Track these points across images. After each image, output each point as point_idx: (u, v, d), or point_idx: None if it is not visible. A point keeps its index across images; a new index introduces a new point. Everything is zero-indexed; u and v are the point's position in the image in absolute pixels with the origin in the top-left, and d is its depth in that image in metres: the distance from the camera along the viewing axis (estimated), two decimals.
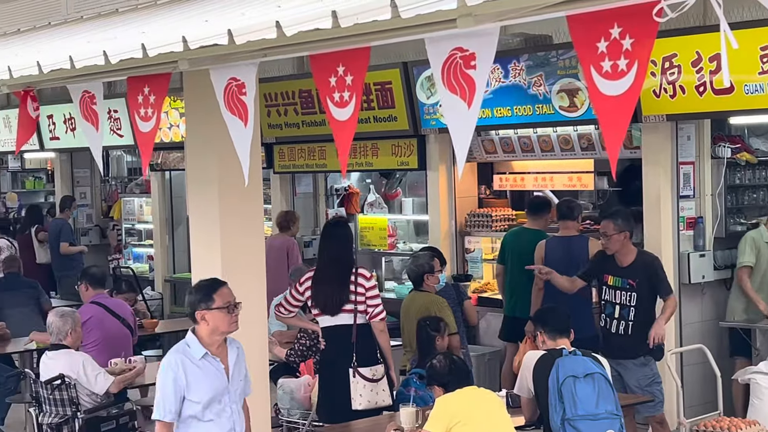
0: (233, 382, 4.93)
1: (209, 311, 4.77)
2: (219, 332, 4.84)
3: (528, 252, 8.36)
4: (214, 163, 6.40)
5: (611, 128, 3.24)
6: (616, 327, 7.22)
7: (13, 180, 16.66)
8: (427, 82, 9.25)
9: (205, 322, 4.79)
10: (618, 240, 7.19)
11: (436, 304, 7.29)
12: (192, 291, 4.87)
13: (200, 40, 4.06)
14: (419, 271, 7.46)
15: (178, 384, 4.78)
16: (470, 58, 3.36)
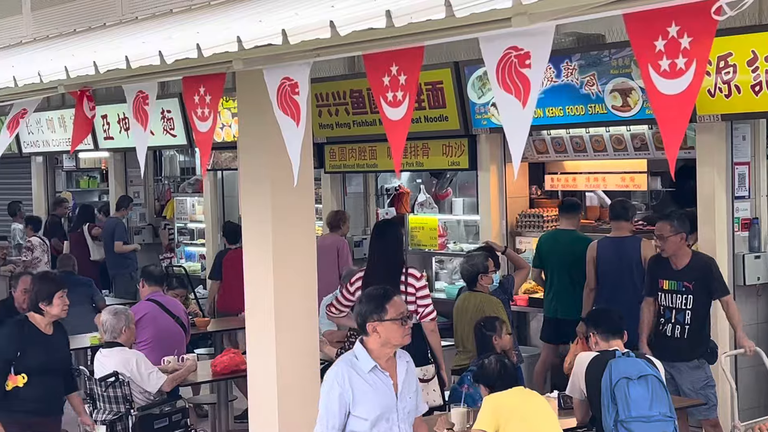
0: (402, 399, 4.64)
1: (381, 323, 4.51)
2: (390, 345, 4.56)
3: (566, 252, 8.33)
4: (266, 163, 6.43)
5: (670, 128, 3.20)
6: (671, 331, 7.14)
7: (68, 179, 16.86)
8: (478, 81, 9.23)
9: (376, 334, 4.52)
10: (674, 242, 7.09)
11: (491, 304, 7.26)
12: (362, 301, 4.63)
13: (254, 40, 4.08)
14: (474, 270, 7.42)
15: (343, 398, 4.52)
16: (525, 57, 3.34)
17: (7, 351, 6.36)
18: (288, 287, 6.38)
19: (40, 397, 6.39)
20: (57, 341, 6.60)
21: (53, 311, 6.51)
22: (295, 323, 6.38)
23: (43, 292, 6.48)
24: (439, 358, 6.77)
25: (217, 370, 7.73)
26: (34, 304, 6.50)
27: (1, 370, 6.31)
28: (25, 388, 6.33)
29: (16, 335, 6.41)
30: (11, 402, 6.31)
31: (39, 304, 6.47)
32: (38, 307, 6.48)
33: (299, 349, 6.44)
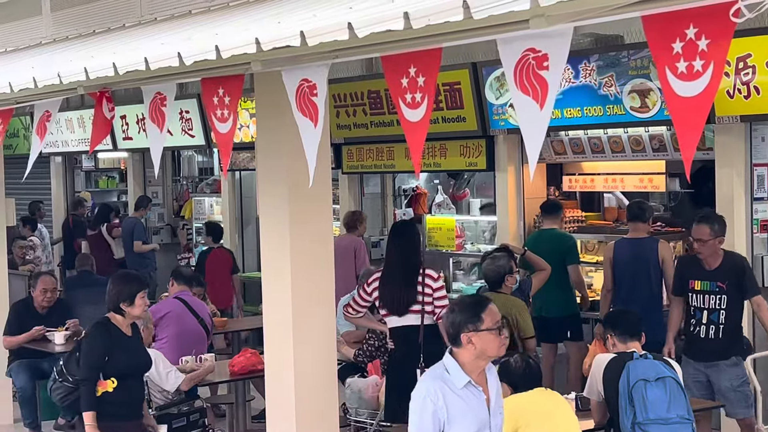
0: (494, 415, 4.37)
1: (477, 333, 4.20)
2: (485, 356, 4.27)
3: (549, 251, 8.37)
4: (284, 164, 6.45)
5: (686, 130, 3.19)
6: (705, 332, 7.05)
7: (87, 179, 16.94)
8: (496, 82, 9.23)
9: (471, 345, 4.21)
10: (712, 245, 6.98)
11: (516, 306, 7.22)
12: (455, 310, 4.30)
13: (273, 41, 4.09)
14: (501, 271, 7.32)
15: (437, 416, 4.20)
16: (543, 59, 3.34)
17: (97, 355, 6.13)
18: (305, 287, 6.39)
19: (128, 401, 6.22)
20: (137, 343, 6.42)
21: (135, 312, 6.26)
22: (313, 323, 6.39)
23: (125, 292, 6.21)
24: None
25: (235, 370, 7.75)
26: (115, 305, 6.23)
27: (93, 376, 6.10)
28: (114, 392, 6.12)
29: (105, 338, 6.17)
30: (100, 407, 6.08)
31: (120, 304, 6.21)
32: (119, 308, 6.22)
33: (317, 349, 6.45)
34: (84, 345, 6.20)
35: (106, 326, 6.21)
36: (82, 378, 6.10)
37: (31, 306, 9.13)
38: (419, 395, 4.27)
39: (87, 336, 6.28)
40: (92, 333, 6.24)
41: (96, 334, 6.20)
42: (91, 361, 6.10)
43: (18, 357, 9.08)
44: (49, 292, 9.10)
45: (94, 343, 6.16)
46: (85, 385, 6.07)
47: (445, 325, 4.31)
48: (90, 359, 6.11)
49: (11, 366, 9.13)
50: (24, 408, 9.05)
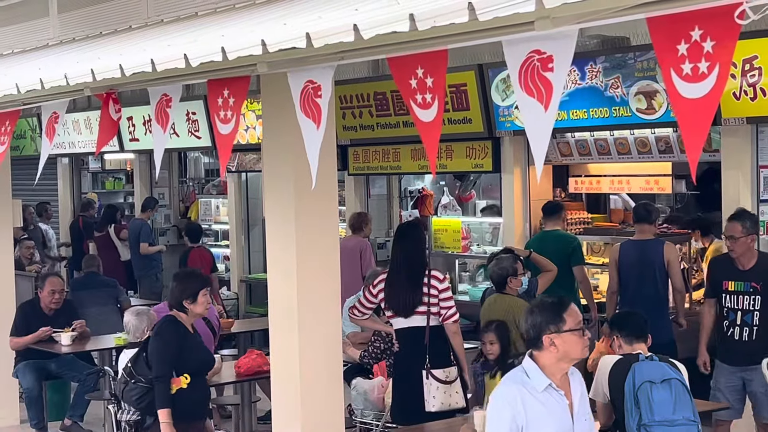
0: (578, 421, 4.18)
1: (559, 334, 4.03)
2: (568, 359, 4.10)
3: (552, 252, 8.34)
4: (290, 165, 6.46)
5: (692, 132, 3.20)
6: (739, 334, 6.98)
7: (94, 180, 16.97)
8: (502, 84, 9.23)
9: (553, 348, 4.04)
10: (744, 243, 6.92)
11: (518, 308, 7.24)
12: (535, 311, 4.13)
13: (279, 43, 4.10)
14: (503, 273, 7.38)
15: (516, 422, 4.03)
16: (548, 60, 3.34)
17: (171, 352, 6.08)
18: (311, 289, 6.40)
19: (198, 398, 6.21)
20: (200, 340, 6.39)
21: (197, 309, 6.23)
22: (319, 325, 6.40)
23: (189, 290, 6.17)
24: (461, 360, 6.77)
25: (241, 372, 7.76)
26: (179, 302, 6.18)
27: (168, 372, 6.07)
28: (187, 389, 6.09)
29: (176, 335, 6.12)
30: (174, 405, 6.05)
31: (183, 302, 6.16)
32: (182, 306, 6.17)
33: (322, 350, 6.46)
34: (156, 343, 6.12)
35: (175, 323, 6.15)
36: (157, 375, 6.04)
37: (38, 307, 9.15)
38: (497, 399, 4.11)
39: (157, 334, 6.18)
40: (163, 330, 6.16)
41: (168, 331, 6.13)
42: (166, 357, 6.05)
43: (24, 358, 9.10)
44: (57, 293, 9.11)
45: (168, 339, 6.10)
46: (160, 383, 6.02)
47: (525, 327, 4.16)
48: (164, 356, 6.05)
49: (18, 367, 9.14)
50: (30, 409, 9.07)
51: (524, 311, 4.17)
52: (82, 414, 9.18)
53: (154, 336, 6.20)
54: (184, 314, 6.20)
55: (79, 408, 9.15)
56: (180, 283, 6.24)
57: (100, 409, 9.10)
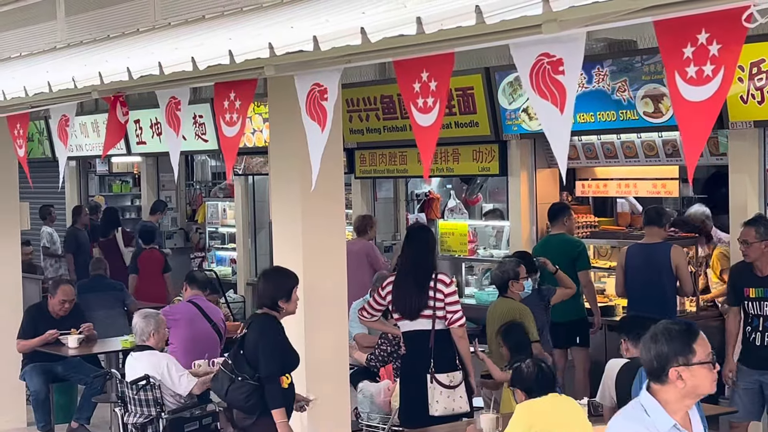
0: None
1: (688, 367, 3.53)
2: (695, 394, 3.60)
3: (556, 256, 8.32)
4: (296, 168, 6.47)
5: (692, 135, 3.20)
6: (761, 339, 6.96)
7: (101, 183, 16.99)
8: (509, 87, 9.22)
9: (680, 382, 3.53)
10: (758, 248, 6.92)
11: (519, 311, 7.24)
12: (660, 339, 3.60)
13: (286, 46, 4.11)
14: (504, 277, 7.39)
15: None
16: (558, 63, 3.34)
17: (280, 350, 5.91)
18: (317, 291, 6.41)
19: (293, 397, 6.12)
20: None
21: (291, 308, 6.00)
22: (325, 327, 6.40)
23: (283, 288, 5.96)
24: (467, 364, 6.75)
25: None
26: (273, 302, 5.95)
27: (278, 371, 5.90)
28: (288, 388, 5.98)
29: (281, 333, 5.95)
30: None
31: (279, 302, 5.94)
32: (277, 305, 5.94)
33: (329, 353, 6.47)
34: (263, 342, 5.89)
35: (278, 322, 5.96)
36: (267, 375, 5.86)
37: (45, 310, 9.15)
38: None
39: (263, 333, 5.93)
40: (268, 329, 5.94)
41: (275, 330, 5.94)
42: (275, 356, 5.88)
43: (31, 360, 9.10)
44: (68, 302, 9.09)
45: (276, 339, 5.93)
46: (272, 382, 5.86)
47: (647, 358, 3.64)
48: (274, 355, 5.88)
49: (25, 369, 9.15)
50: (37, 411, 9.07)
51: (646, 339, 3.70)
52: (88, 417, 9.18)
53: (259, 335, 5.93)
54: (276, 313, 5.99)
55: (85, 411, 9.14)
56: (273, 283, 6.00)
57: (107, 412, 9.11)
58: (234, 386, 5.93)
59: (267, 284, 6.00)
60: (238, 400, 5.94)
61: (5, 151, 8.10)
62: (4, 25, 9.62)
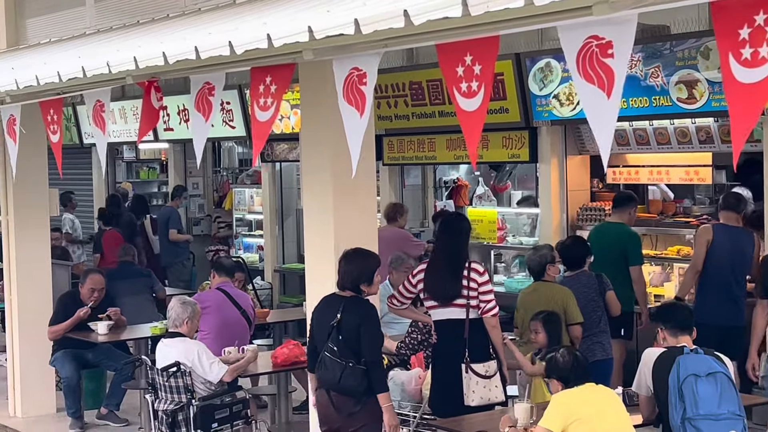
0: None
1: None
2: None
3: (611, 246, 8.23)
4: (328, 154, 6.43)
5: (741, 117, 3.14)
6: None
7: (128, 170, 17.02)
8: (539, 73, 9.14)
9: None
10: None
11: (562, 294, 7.23)
12: None
13: (326, 29, 4.04)
14: (542, 261, 7.40)
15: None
16: (607, 46, 3.27)
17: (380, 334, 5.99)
18: None
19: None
20: None
21: (373, 290, 5.99)
22: None
23: (366, 271, 5.93)
24: (500, 354, 6.69)
25: (278, 362, 7.73)
26: (355, 285, 5.91)
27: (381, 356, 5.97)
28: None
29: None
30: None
31: (361, 285, 5.92)
32: (359, 288, 5.92)
33: None
34: (369, 327, 5.88)
35: (370, 303, 5.95)
36: (374, 359, 5.90)
37: (78, 298, 9.17)
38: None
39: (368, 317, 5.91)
40: (373, 314, 5.93)
41: (377, 315, 5.95)
42: (378, 339, 5.93)
43: (62, 347, 9.12)
44: (97, 291, 9.12)
45: (378, 323, 5.96)
46: (377, 365, 5.90)
47: None
48: (377, 338, 5.92)
49: (55, 356, 9.17)
50: (68, 397, 9.09)
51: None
52: (118, 403, 9.21)
53: (361, 319, 5.89)
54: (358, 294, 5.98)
55: (115, 397, 9.18)
56: (356, 266, 5.95)
57: (137, 399, 9.12)
58: (347, 372, 5.92)
59: (349, 266, 5.97)
60: (351, 386, 5.94)
61: (35, 137, 8.10)
62: (33, 11, 9.63)
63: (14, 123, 7.39)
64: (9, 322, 9.75)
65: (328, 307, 6.08)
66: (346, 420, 5.98)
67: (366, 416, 5.98)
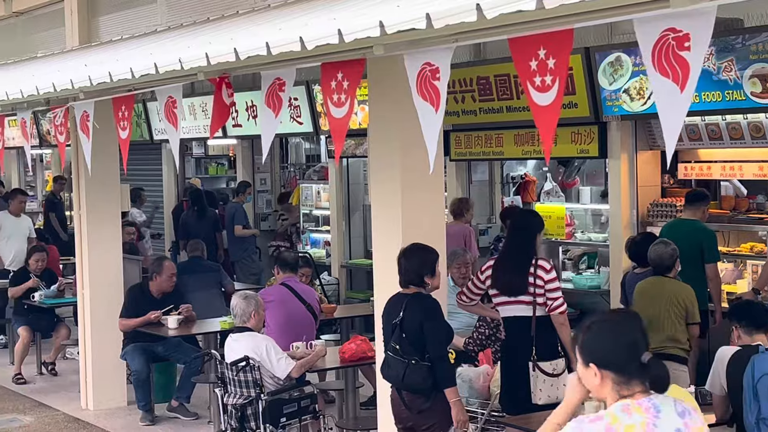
0: None
1: None
2: None
3: (684, 242, 8.07)
4: (396, 150, 6.43)
5: None
6: None
7: (197, 166, 17.20)
8: (609, 67, 9.03)
9: None
10: None
11: (686, 292, 7.25)
12: None
13: (397, 24, 4.03)
14: (675, 255, 7.34)
15: None
16: (684, 39, 3.21)
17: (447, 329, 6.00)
18: None
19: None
20: None
21: (436, 282, 5.97)
22: None
23: (428, 263, 5.91)
24: (570, 351, 6.62)
25: (346, 357, 7.75)
26: (419, 278, 5.91)
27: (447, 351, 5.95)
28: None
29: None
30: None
31: (425, 277, 5.91)
32: (423, 281, 5.91)
33: None
34: (433, 322, 5.91)
35: (433, 298, 5.97)
36: (441, 354, 5.92)
37: (147, 290, 9.30)
38: None
39: (431, 312, 5.93)
40: (437, 308, 5.96)
41: (435, 308, 5.95)
42: (443, 334, 5.94)
43: (132, 340, 9.25)
44: (174, 276, 9.28)
45: (442, 317, 5.98)
46: (442, 361, 5.92)
47: None
48: (442, 333, 5.94)
49: (126, 349, 9.30)
50: (138, 390, 9.21)
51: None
52: (188, 396, 9.30)
53: (423, 316, 5.92)
54: (422, 289, 5.99)
55: (185, 390, 9.27)
56: (417, 259, 5.96)
57: (205, 392, 9.21)
58: (410, 370, 5.93)
59: (410, 261, 5.98)
60: (416, 383, 5.95)
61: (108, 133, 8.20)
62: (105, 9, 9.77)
63: (87, 119, 7.49)
64: (81, 316, 9.90)
65: (392, 307, 6.11)
66: (418, 417, 5.97)
67: (437, 413, 5.98)
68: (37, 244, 12.11)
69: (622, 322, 3.16)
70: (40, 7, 11.16)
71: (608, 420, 3.01)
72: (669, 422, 3.03)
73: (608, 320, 3.18)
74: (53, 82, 7.22)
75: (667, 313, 7.17)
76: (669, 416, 3.06)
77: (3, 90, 7.99)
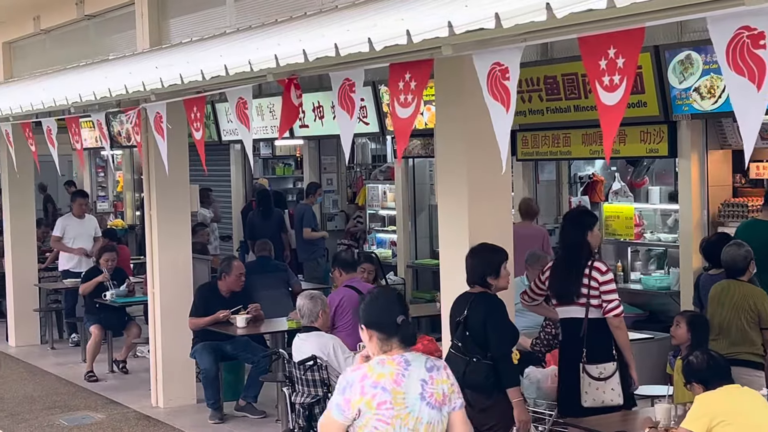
0: None
1: None
2: None
3: (761, 243, 7.91)
4: (463, 150, 6.42)
5: None
6: None
7: (264, 166, 17.32)
8: (679, 66, 8.91)
9: None
10: None
11: (758, 296, 7.12)
12: None
13: (466, 24, 4.02)
14: (749, 257, 7.23)
15: None
16: (759, 37, 3.16)
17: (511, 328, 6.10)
18: None
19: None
20: None
21: (501, 283, 6.02)
22: None
23: (493, 264, 5.98)
24: (627, 354, 6.49)
25: None
26: (482, 278, 5.98)
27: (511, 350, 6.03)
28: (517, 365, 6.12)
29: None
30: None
31: (488, 278, 5.98)
32: (486, 282, 5.98)
33: None
34: (496, 321, 5.97)
35: (497, 298, 6.01)
36: (504, 353, 5.98)
37: (216, 289, 9.39)
38: None
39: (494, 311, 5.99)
40: (500, 308, 6.01)
41: (499, 307, 6.00)
42: (506, 333, 5.99)
43: (202, 339, 9.35)
44: (243, 275, 9.38)
45: (503, 315, 6.03)
46: (505, 360, 5.96)
47: None
48: (505, 332, 5.99)
49: (195, 348, 9.41)
50: (207, 389, 9.31)
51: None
52: (256, 395, 9.38)
53: (486, 315, 5.96)
54: (487, 289, 6.02)
55: (253, 389, 9.34)
56: (481, 259, 6.01)
57: (273, 391, 9.28)
58: (471, 368, 5.95)
59: (474, 261, 6.03)
60: (477, 381, 5.96)
61: (178, 135, 8.32)
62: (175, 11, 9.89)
63: (161, 120, 7.60)
64: (152, 315, 10.03)
65: (458, 305, 6.13)
66: (479, 416, 5.94)
67: (498, 412, 5.95)
68: (107, 244, 12.28)
69: (383, 293, 4.04)
70: (112, 10, 11.33)
71: (365, 369, 3.76)
72: (416, 374, 3.76)
73: (374, 293, 4.03)
74: (125, 84, 7.32)
75: (737, 317, 7.04)
76: (418, 369, 3.77)
77: (76, 92, 8.13)
